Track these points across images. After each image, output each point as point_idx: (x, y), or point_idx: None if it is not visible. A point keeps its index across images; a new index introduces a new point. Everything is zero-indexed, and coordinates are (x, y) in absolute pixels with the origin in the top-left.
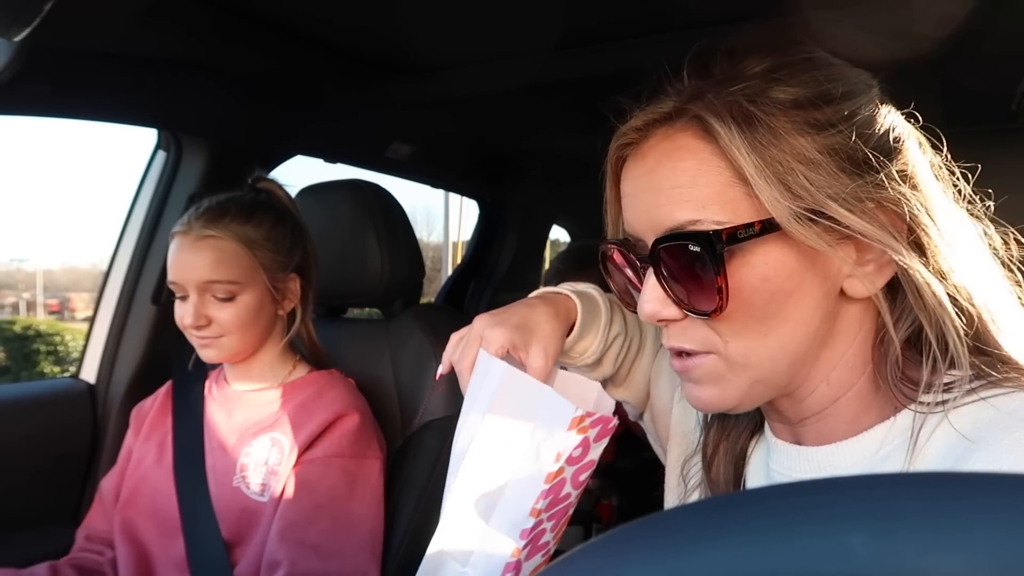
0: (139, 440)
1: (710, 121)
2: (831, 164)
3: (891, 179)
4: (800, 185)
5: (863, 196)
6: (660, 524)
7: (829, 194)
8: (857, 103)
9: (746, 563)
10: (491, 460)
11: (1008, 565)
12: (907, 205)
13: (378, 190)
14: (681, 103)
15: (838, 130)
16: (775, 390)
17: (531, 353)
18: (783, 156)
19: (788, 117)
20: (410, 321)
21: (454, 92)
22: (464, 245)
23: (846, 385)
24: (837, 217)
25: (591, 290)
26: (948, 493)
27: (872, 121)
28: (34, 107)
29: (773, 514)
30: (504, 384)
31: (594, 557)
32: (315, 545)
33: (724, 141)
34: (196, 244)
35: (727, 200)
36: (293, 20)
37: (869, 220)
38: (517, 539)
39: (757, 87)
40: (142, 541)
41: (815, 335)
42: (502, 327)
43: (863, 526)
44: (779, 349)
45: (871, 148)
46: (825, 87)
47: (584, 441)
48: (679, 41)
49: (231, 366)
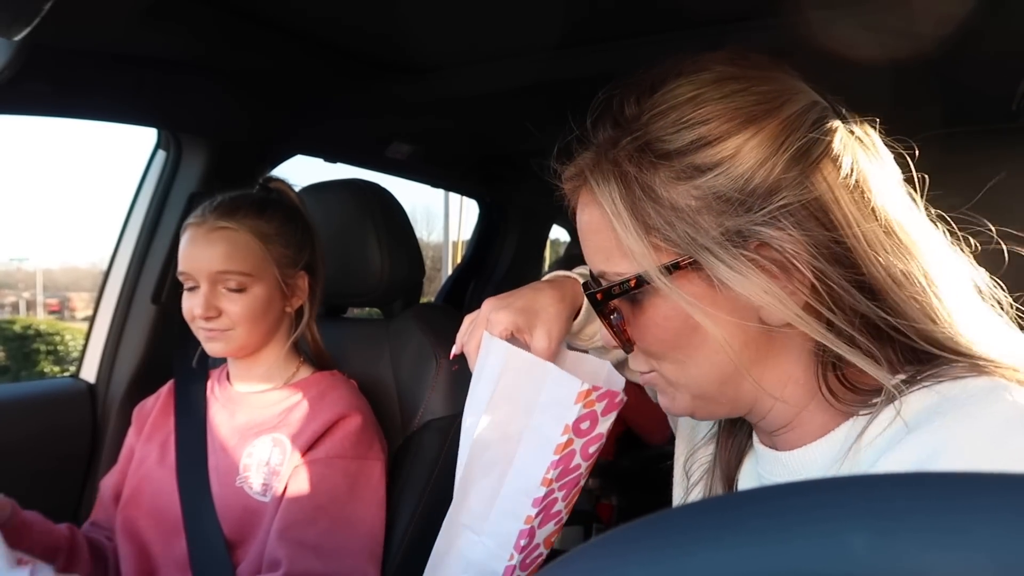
0: (141, 440)
1: (595, 189)
2: (710, 211)
3: (774, 217)
4: (677, 236)
5: (748, 239)
6: (660, 524)
7: (703, 244)
8: (743, 138)
9: (746, 563)
10: (500, 434)
11: (1008, 565)
12: (795, 247)
13: (378, 190)
14: (579, 169)
15: (716, 173)
16: (724, 405)
17: (535, 335)
18: (658, 210)
19: (667, 168)
20: (410, 321)
21: (454, 92)
22: (464, 245)
23: (804, 400)
24: (708, 268)
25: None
26: (949, 493)
27: (757, 156)
28: (34, 107)
29: (773, 514)
30: (507, 363)
31: (594, 557)
32: (315, 545)
33: (606, 208)
34: (210, 235)
35: (621, 256)
36: (293, 20)
37: (746, 275)
38: (529, 507)
39: (641, 139)
40: (144, 540)
41: (739, 359)
42: (507, 310)
43: (863, 526)
44: (703, 374)
45: (751, 187)
46: (709, 129)
47: (591, 414)
48: (679, 41)
49: (234, 365)
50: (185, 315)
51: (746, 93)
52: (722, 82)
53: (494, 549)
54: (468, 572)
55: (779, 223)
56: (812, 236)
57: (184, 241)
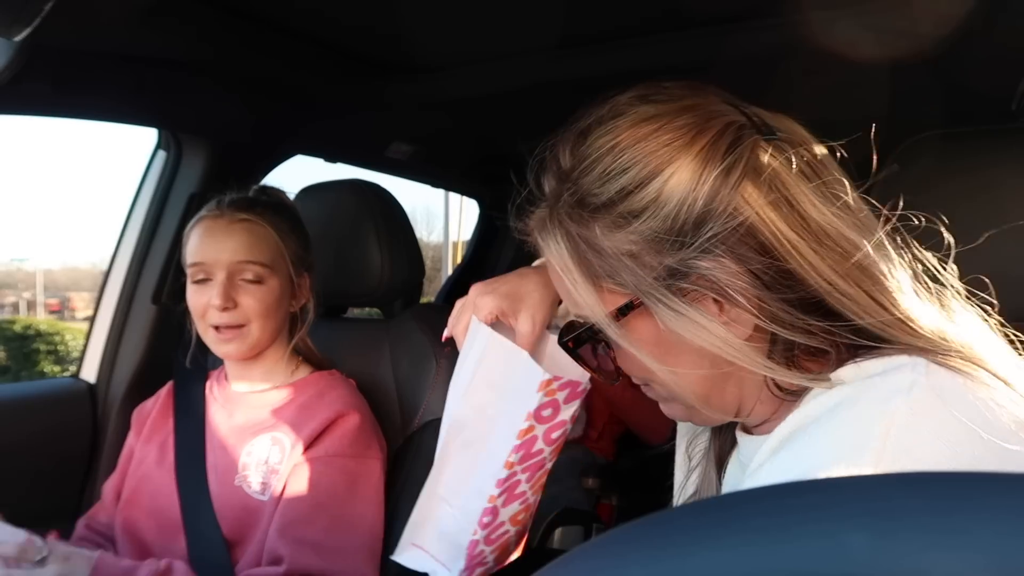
0: (140, 441)
1: (545, 248)
2: (647, 252)
3: (704, 250)
4: (624, 282)
5: (687, 274)
6: (660, 524)
7: (645, 289)
8: (662, 179)
9: (746, 563)
10: (477, 416)
11: (1008, 565)
12: (728, 277)
13: (378, 190)
14: (532, 227)
15: (646, 217)
16: (716, 414)
17: (519, 320)
18: (602, 260)
19: (604, 218)
20: (410, 321)
21: (454, 92)
22: (464, 245)
23: (777, 400)
24: (651, 310)
25: None
26: (948, 493)
27: (680, 194)
28: (35, 107)
29: (773, 514)
30: (487, 348)
31: (594, 557)
32: (314, 543)
33: (556, 264)
34: (231, 226)
35: (588, 301)
36: (294, 20)
37: (685, 313)
38: (493, 487)
39: (576, 194)
40: (144, 540)
41: (712, 377)
42: (492, 295)
43: (862, 526)
44: (685, 388)
45: (679, 225)
46: (632, 174)
47: (553, 402)
48: (679, 41)
49: (233, 366)
50: (195, 311)
51: (662, 132)
52: (637, 125)
53: (463, 522)
54: (442, 541)
55: (712, 253)
56: (746, 260)
57: (198, 233)
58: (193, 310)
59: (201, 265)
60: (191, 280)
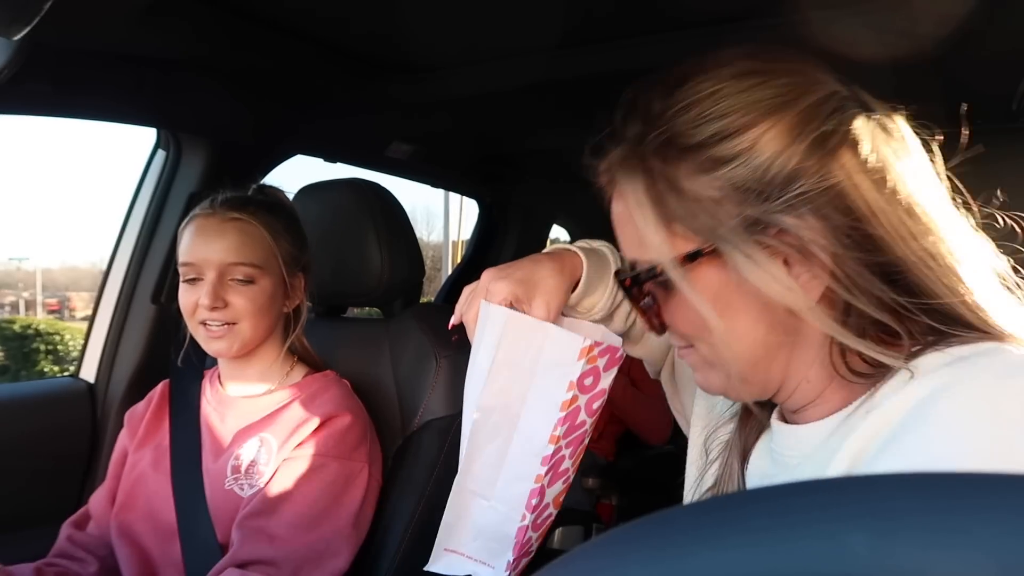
0: (134, 445)
1: (621, 183)
2: (730, 201)
3: (790, 205)
4: (701, 226)
5: (767, 227)
6: (660, 524)
7: (722, 235)
8: (760, 130)
9: (746, 563)
10: (503, 400)
11: (1008, 565)
12: (811, 235)
13: (378, 189)
14: (609, 164)
15: (736, 164)
16: (755, 386)
17: (534, 305)
18: (681, 202)
19: (691, 160)
20: (410, 321)
21: (454, 92)
22: (464, 245)
23: (827, 380)
24: (728, 259)
25: (603, 248)
26: (948, 493)
27: (776, 147)
28: (34, 106)
29: (773, 514)
30: (507, 328)
31: (594, 557)
32: (271, 534)
33: (630, 200)
34: (222, 226)
35: (653, 243)
36: (293, 19)
37: (761, 267)
38: (539, 466)
39: (666, 134)
40: (141, 544)
41: (767, 341)
42: (506, 280)
43: (863, 526)
44: (735, 353)
45: (769, 177)
46: (730, 121)
47: (594, 370)
48: (679, 41)
49: (227, 367)
50: (185, 309)
51: (764, 87)
52: (742, 77)
53: (506, 512)
54: (479, 539)
55: (797, 211)
56: (831, 222)
57: (190, 233)
58: (184, 308)
59: (192, 265)
60: (182, 279)
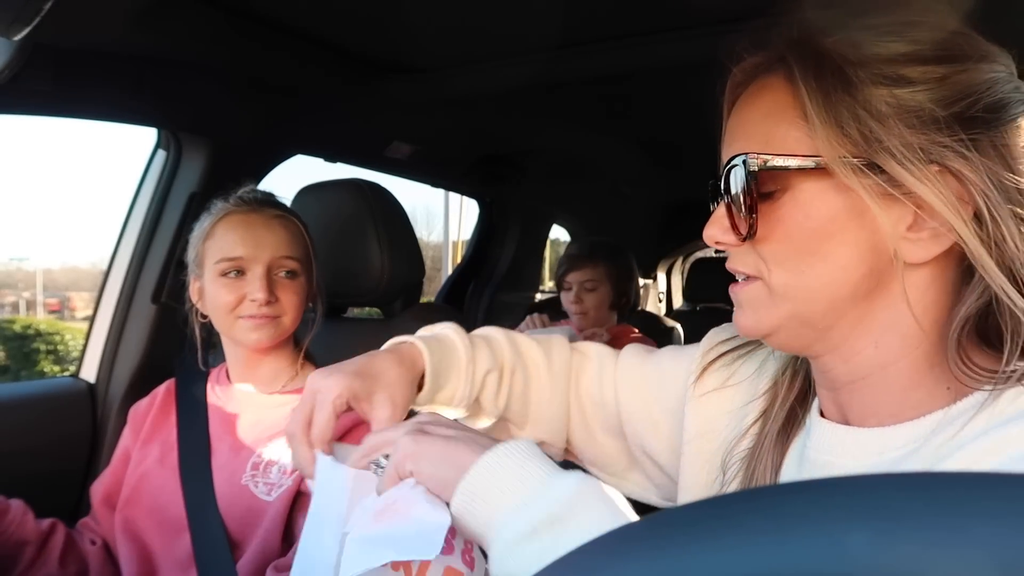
0: (139, 442)
1: (793, 67)
2: (900, 120)
3: (964, 146)
4: (860, 133)
5: (928, 158)
6: (660, 524)
7: (887, 147)
8: (953, 68)
9: (746, 562)
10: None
11: (1008, 565)
12: (976, 177)
13: (378, 189)
14: (775, 51)
15: (918, 89)
16: (810, 335)
17: (375, 403)
18: (851, 103)
19: (870, 68)
20: (410, 321)
21: (454, 92)
22: (464, 245)
23: (897, 354)
24: (888, 171)
25: (447, 330)
26: (948, 492)
27: (964, 88)
28: (35, 106)
29: (772, 513)
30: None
31: (594, 557)
32: None
33: (798, 83)
34: (271, 222)
35: (790, 138)
36: (294, 19)
37: (927, 182)
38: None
39: (855, 36)
40: (144, 541)
41: (856, 285)
42: (338, 374)
43: (862, 525)
44: (817, 289)
45: (950, 112)
46: (921, 48)
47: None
48: (679, 41)
49: (238, 365)
50: (224, 305)
51: (967, 38)
52: (944, 23)
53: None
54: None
55: (960, 155)
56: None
57: (231, 229)
58: (222, 305)
59: (238, 259)
60: (218, 274)
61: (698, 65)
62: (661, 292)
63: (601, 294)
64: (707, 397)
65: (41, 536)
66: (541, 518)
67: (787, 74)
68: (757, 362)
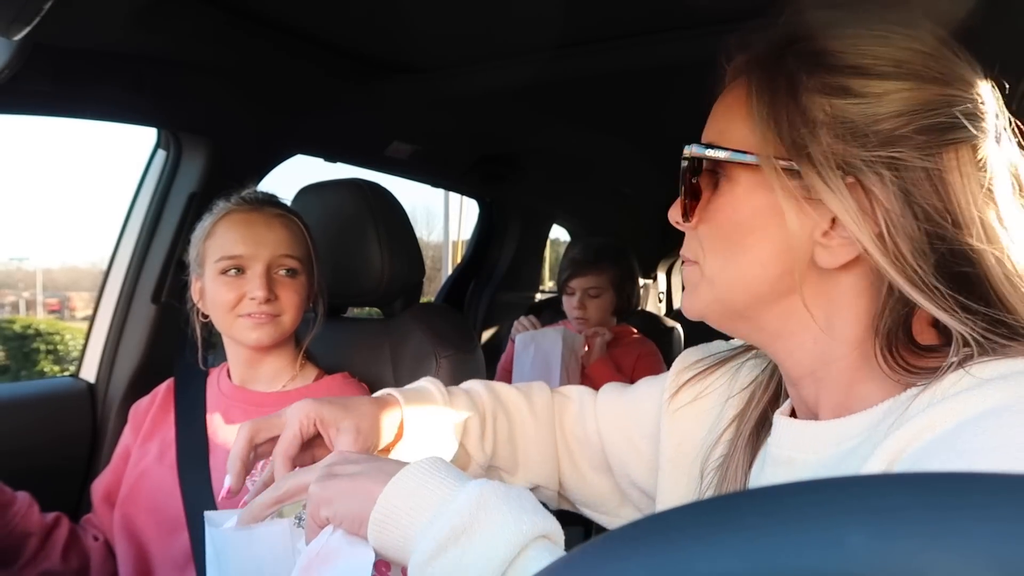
0: (139, 440)
1: (754, 69)
2: (831, 130)
3: (884, 164)
4: (791, 137)
5: (845, 170)
6: (660, 524)
7: (809, 154)
8: (899, 87)
9: (745, 562)
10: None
11: (1008, 565)
12: (882, 195)
13: (378, 189)
14: (753, 54)
15: (856, 102)
16: (740, 320)
17: (341, 429)
18: (792, 108)
19: (820, 77)
20: (410, 321)
21: (454, 92)
22: (464, 245)
23: (836, 352)
24: (804, 177)
25: (423, 382)
26: (948, 492)
27: (902, 107)
28: (34, 106)
29: (772, 513)
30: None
31: (594, 557)
32: None
33: (752, 87)
34: (272, 221)
35: (739, 134)
36: (294, 19)
37: (835, 192)
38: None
39: (820, 46)
40: (141, 539)
41: (774, 282)
42: (310, 403)
43: (862, 525)
44: (737, 279)
45: (879, 128)
46: (877, 63)
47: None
48: (679, 41)
49: (239, 364)
50: (224, 303)
51: (936, 59)
52: (913, 38)
53: None
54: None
55: (881, 172)
56: (912, 197)
57: (231, 227)
58: (222, 304)
59: (238, 258)
60: (219, 272)
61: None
62: (661, 292)
63: (605, 300)
64: (681, 411)
65: (45, 529)
66: (445, 533)
67: (751, 74)
68: (732, 370)
